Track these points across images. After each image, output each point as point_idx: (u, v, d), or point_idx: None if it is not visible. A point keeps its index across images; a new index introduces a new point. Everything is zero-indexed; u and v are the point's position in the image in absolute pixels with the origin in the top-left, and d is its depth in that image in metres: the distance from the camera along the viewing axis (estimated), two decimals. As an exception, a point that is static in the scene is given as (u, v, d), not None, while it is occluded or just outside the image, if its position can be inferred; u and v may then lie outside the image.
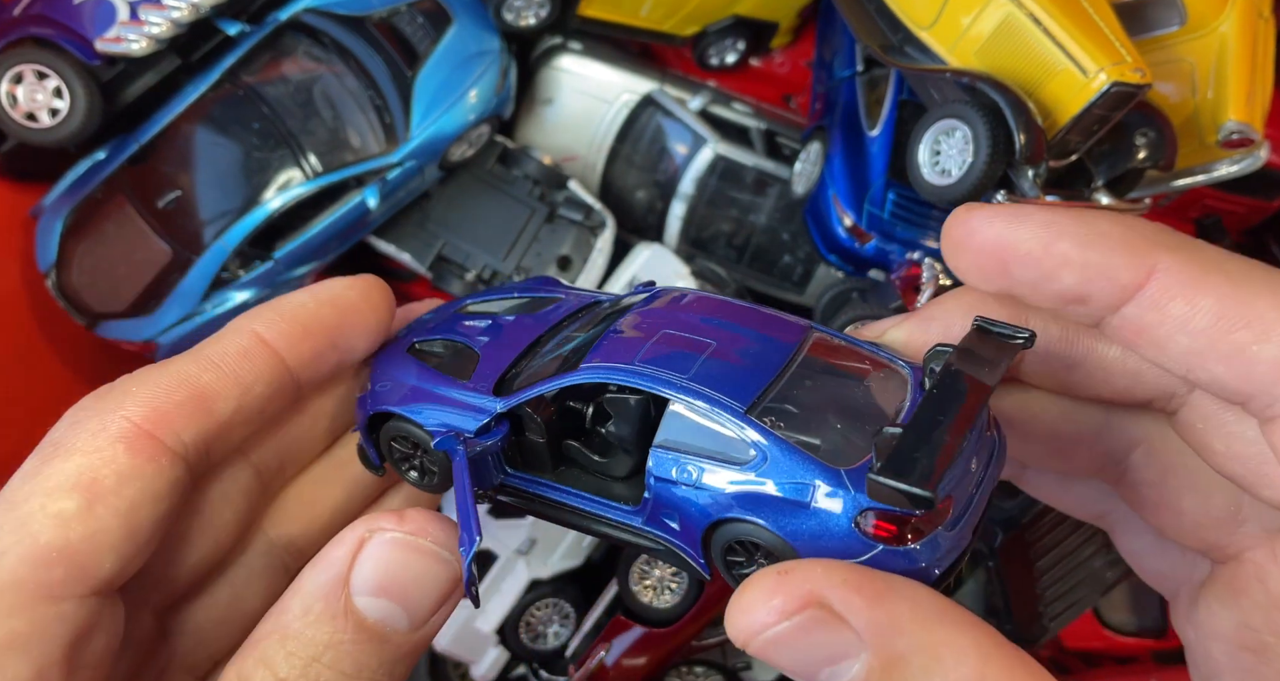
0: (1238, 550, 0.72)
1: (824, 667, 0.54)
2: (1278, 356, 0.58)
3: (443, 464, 0.75)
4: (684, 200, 1.79)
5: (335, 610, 0.60)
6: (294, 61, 1.60)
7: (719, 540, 0.66)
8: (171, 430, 0.66)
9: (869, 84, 1.60)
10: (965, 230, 0.67)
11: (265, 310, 0.75)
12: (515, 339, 0.80)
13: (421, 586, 0.62)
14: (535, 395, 0.72)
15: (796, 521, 0.61)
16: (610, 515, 0.72)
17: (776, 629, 0.54)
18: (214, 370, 0.69)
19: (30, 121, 1.48)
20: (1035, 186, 1.33)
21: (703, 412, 0.65)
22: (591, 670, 1.56)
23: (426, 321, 0.86)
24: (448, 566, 0.64)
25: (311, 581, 0.61)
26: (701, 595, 1.48)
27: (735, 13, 1.79)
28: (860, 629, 0.53)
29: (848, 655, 0.53)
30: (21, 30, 1.47)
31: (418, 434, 0.75)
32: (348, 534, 0.62)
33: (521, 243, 1.73)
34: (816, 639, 0.54)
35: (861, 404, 0.67)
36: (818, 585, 0.54)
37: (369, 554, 0.61)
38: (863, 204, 1.54)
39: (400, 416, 0.76)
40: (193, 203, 1.56)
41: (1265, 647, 0.71)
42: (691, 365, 0.67)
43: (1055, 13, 1.30)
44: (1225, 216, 1.76)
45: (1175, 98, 1.48)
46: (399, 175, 1.60)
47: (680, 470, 0.66)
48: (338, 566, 0.61)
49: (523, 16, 1.67)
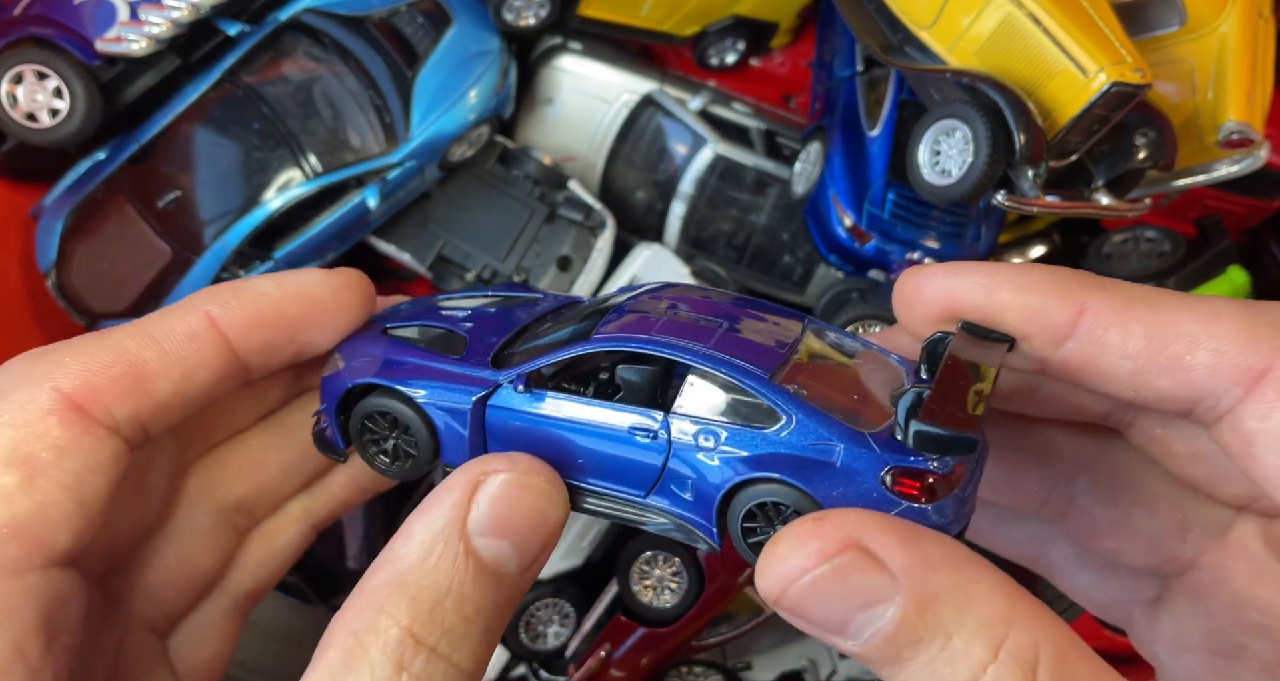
0: (1191, 557, 0.76)
1: (859, 613, 0.55)
2: (1209, 361, 0.63)
3: (424, 445, 0.74)
4: (684, 200, 1.79)
5: (456, 552, 0.59)
6: (294, 61, 1.60)
7: (739, 505, 0.67)
8: (103, 405, 0.64)
9: (869, 84, 1.60)
10: (914, 286, 0.72)
11: (223, 291, 0.73)
12: (502, 325, 0.80)
13: (531, 526, 0.62)
14: (544, 365, 0.71)
15: (823, 480, 0.63)
16: (613, 492, 0.72)
17: (815, 572, 0.55)
18: (156, 349, 0.67)
19: (30, 121, 1.48)
20: (1035, 186, 1.33)
21: (725, 380, 0.67)
22: (591, 670, 1.56)
23: (400, 310, 0.85)
24: (556, 507, 0.64)
25: (427, 526, 0.60)
26: (701, 595, 1.48)
27: (735, 13, 1.79)
28: (897, 569, 0.54)
29: (882, 599, 0.54)
30: (22, 30, 1.47)
31: (401, 409, 0.73)
32: (459, 477, 0.62)
33: (521, 242, 1.74)
34: (854, 582, 0.55)
35: (868, 382, 0.70)
36: (855, 529, 0.56)
37: (485, 494, 0.61)
38: (863, 204, 1.54)
39: (388, 390, 0.74)
40: (193, 203, 1.56)
41: (1239, 649, 0.73)
42: (709, 338, 0.69)
43: (1055, 13, 1.30)
44: (1225, 216, 1.76)
45: (1175, 98, 1.48)
46: (399, 175, 1.60)
47: (705, 435, 0.67)
48: (455, 509, 0.61)
49: (523, 16, 1.67)
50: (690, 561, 1.47)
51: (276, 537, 0.85)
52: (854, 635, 0.56)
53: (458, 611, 0.58)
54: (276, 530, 0.86)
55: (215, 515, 0.79)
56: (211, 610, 0.81)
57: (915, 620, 0.54)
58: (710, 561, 1.47)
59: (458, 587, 0.59)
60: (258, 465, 0.82)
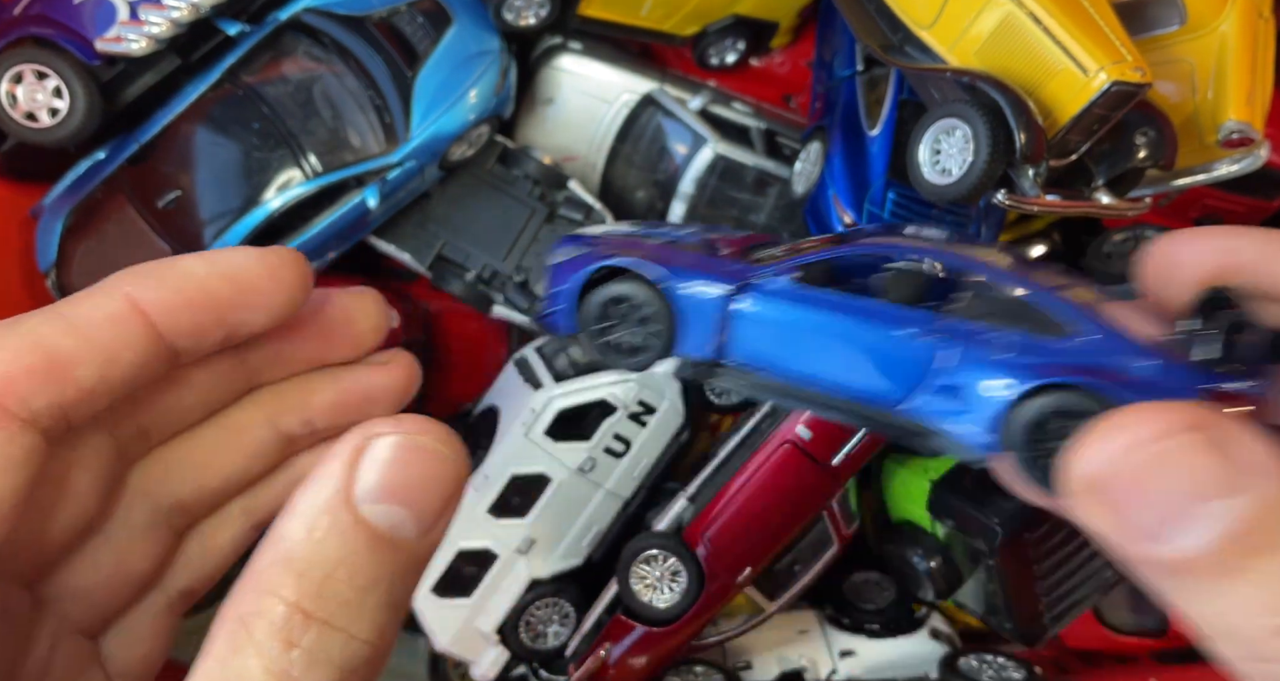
0: None
1: (1192, 505, 0.48)
2: None
3: (662, 335, 0.72)
4: (684, 200, 1.79)
5: (343, 523, 0.55)
6: (294, 61, 1.60)
7: (1026, 412, 0.63)
8: (19, 397, 0.60)
9: (869, 84, 1.60)
10: (1172, 250, 0.68)
11: (145, 272, 0.68)
12: (729, 240, 0.78)
13: (427, 488, 0.58)
14: (810, 262, 0.69)
15: (1127, 392, 0.60)
16: (866, 394, 0.69)
17: (1155, 447, 0.49)
18: (75, 335, 0.63)
19: (30, 121, 1.48)
20: (1035, 185, 1.33)
21: (1013, 290, 0.65)
22: (591, 669, 1.56)
23: (588, 236, 0.82)
24: (451, 465, 0.60)
25: (310, 500, 0.57)
26: (701, 594, 1.48)
27: (735, 12, 1.79)
28: (1244, 463, 0.48)
29: (1223, 493, 0.48)
30: (21, 30, 1.47)
31: (645, 295, 0.71)
32: (341, 445, 0.58)
33: (522, 242, 1.74)
34: (1195, 467, 0.48)
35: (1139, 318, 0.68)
36: (1198, 413, 0.50)
37: (370, 459, 0.57)
38: (863, 203, 1.54)
39: (633, 275, 0.71)
40: (193, 202, 1.56)
41: None
42: (981, 257, 0.67)
43: (1055, 12, 1.30)
44: (1225, 216, 1.76)
45: (1175, 97, 1.48)
46: (399, 175, 1.60)
47: (985, 339, 0.65)
48: (338, 478, 0.57)
49: (523, 16, 1.67)
50: (690, 560, 1.47)
51: (214, 537, 0.82)
52: (1174, 536, 0.48)
53: (351, 582, 0.54)
54: (215, 530, 0.82)
55: (153, 515, 0.76)
56: (146, 610, 0.78)
57: (1262, 522, 0.46)
58: (710, 561, 1.47)
59: (350, 557, 0.55)
60: (201, 466, 0.78)
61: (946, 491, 1.47)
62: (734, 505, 1.45)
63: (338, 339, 0.78)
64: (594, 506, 1.59)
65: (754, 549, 1.48)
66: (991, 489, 1.46)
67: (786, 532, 1.49)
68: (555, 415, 1.53)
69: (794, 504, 1.46)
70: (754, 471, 1.44)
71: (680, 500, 1.50)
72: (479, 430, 1.64)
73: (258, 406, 0.81)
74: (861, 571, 1.78)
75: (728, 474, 1.47)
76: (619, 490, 1.59)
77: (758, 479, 1.44)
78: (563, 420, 1.54)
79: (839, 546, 1.60)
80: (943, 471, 1.51)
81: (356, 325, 0.78)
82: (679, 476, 1.63)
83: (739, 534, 1.46)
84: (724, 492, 1.46)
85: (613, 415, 1.54)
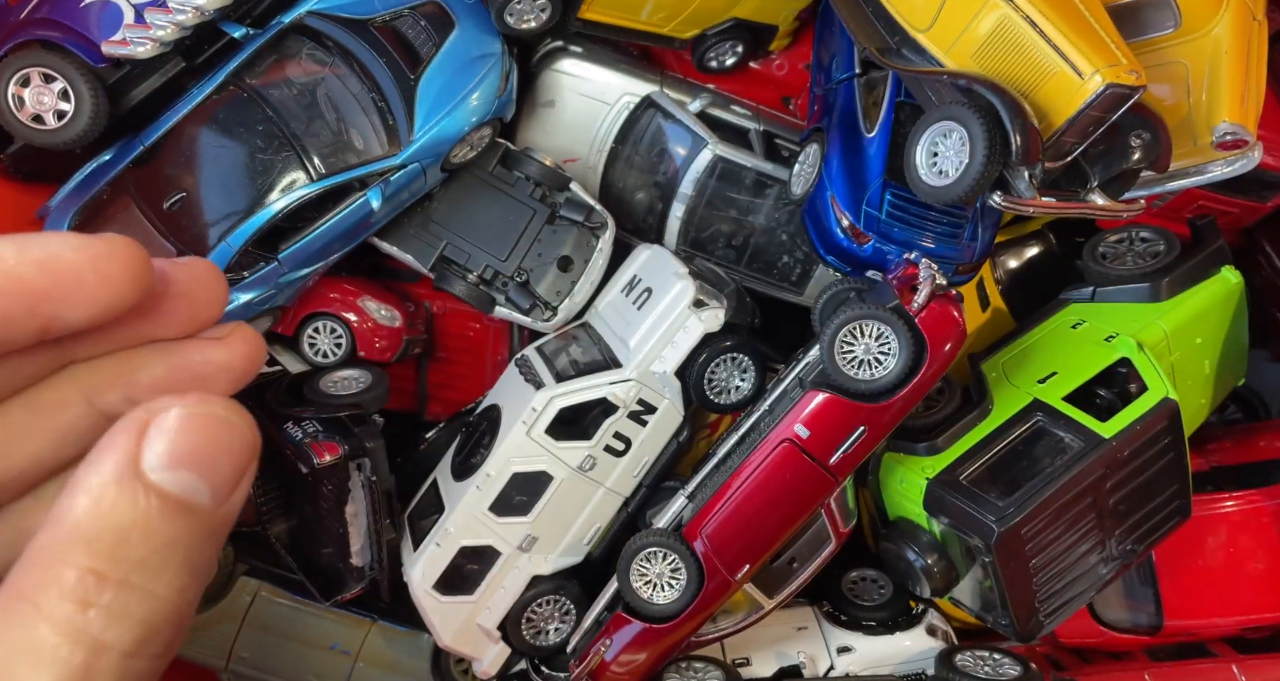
0: None
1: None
2: None
3: None
4: (683, 201, 1.80)
5: (133, 490, 0.54)
6: (298, 64, 1.62)
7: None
8: None
9: (867, 86, 1.62)
10: None
11: None
12: None
13: (218, 454, 0.57)
14: None
15: None
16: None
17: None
18: None
19: (37, 123, 1.50)
20: (1031, 187, 1.35)
21: None
22: (592, 666, 1.57)
23: None
24: (241, 431, 0.58)
25: (94, 475, 0.54)
26: (700, 591, 1.49)
27: (734, 16, 1.80)
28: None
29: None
30: (28, 33, 1.49)
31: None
32: (125, 421, 0.57)
33: (523, 243, 1.75)
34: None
35: None
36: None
37: (157, 431, 0.56)
38: (860, 205, 1.55)
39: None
40: (198, 204, 1.58)
41: None
42: None
43: (1051, 15, 1.32)
44: (1219, 217, 1.78)
45: (1169, 99, 1.50)
46: (402, 177, 1.62)
47: None
48: (124, 451, 0.55)
49: (524, 19, 1.68)
50: (689, 557, 1.48)
51: (26, 519, 0.78)
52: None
53: (147, 543, 0.53)
54: (27, 512, 0.78)
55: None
56: None
57: None
58: (709, 558, 1.48)
59: (143, 523, 0.53)
60: (9, 446, 0.71)
61: (942, 489, 1.48)
62: (733, 503, 1.47)
63: (169, 313, 0.72)
64: (594, 504, 1.60)
65: (753, 546, 1.49)
66: (988, 487, 1.47)
67: (785, 530, 1.50)
68: (556, 414, 1.55)
69: (792, 502, 1.48)
70: (753, 470, 1.45)
71: (680, 498, 1.52)
72: (481, 429, 1.66)
73: (72, 383, 0.73)
74: (859, 568, 1.80)
75: (727, 472, 1.48)
76: (619, 488, 1.61)
77: (756, 477, 1.45)
78: (564, 419, 1.56)
79: (837, 544, 1.61)
80: (939, 469, 1.52)
81: (191, 297, 0.72)
82: (678, 475, 1.65)
83: (738, 531, 1.47)
84: (723, 491, 1.47)
85: (613, 414, 1.56)
